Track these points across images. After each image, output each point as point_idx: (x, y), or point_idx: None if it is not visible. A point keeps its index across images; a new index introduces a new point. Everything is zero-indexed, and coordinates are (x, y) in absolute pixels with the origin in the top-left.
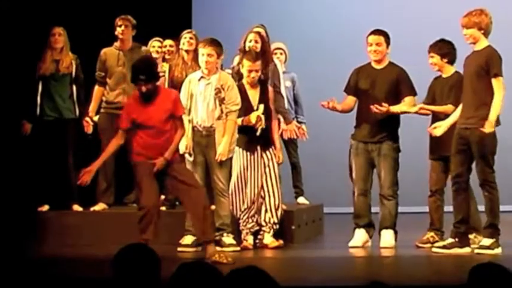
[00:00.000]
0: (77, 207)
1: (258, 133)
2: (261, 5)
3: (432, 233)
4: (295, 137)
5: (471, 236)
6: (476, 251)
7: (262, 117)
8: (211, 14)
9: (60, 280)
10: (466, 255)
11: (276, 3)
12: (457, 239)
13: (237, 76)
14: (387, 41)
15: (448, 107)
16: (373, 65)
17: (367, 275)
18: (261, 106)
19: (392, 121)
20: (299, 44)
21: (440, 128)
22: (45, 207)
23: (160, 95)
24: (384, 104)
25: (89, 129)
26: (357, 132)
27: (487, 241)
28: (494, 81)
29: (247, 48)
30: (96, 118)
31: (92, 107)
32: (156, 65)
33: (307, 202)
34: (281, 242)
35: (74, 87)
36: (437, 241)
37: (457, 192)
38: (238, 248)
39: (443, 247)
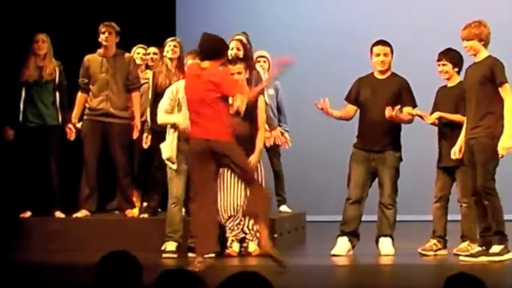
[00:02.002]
0: (59, 214)
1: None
2: (245, 13)
3: (435, 241)
4: (278, 143)
5: (464, 244)
6: (486, 258)
7: (240, 101)
8: (195, 21)
9: (42, 286)
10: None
11: (260, 11)
12: (484, 247)
13: None
14: (392, 52)
15: (462, 118)
16: (376, 75)
17: (350, 283)
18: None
19: (394, 130)
20: (282, 51)
21: (459, 151)
22: (28, 214)
23: None
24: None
25: (72, 136)
26: (359, 140)
27: (497, 248)
28: (501, 89)
29: (229, 56)
30: (79, 125)
31: (75, 114)
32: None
33: (289, 210)
34: None
35: (57, 94)
36: (440, 249)
37: (478, 203)
38: (213, 255)
39: (471, 255)
